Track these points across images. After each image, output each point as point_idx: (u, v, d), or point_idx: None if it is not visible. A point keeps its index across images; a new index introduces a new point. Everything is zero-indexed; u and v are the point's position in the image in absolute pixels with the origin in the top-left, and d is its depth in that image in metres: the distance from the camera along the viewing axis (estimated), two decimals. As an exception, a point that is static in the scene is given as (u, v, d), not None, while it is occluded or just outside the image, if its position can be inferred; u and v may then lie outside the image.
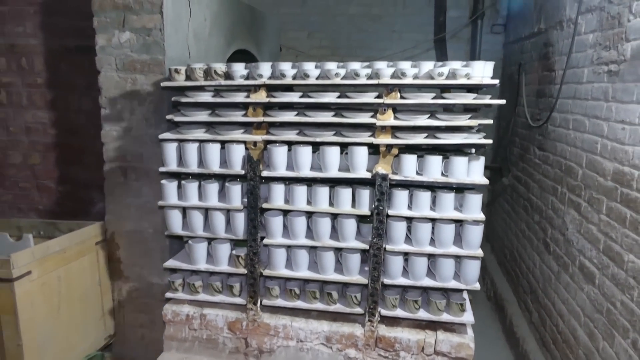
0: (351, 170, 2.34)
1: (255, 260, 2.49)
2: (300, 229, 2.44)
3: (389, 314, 2.41)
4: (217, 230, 2.53)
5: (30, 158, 3.89)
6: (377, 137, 2.29)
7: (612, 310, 2.23)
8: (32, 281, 2.52)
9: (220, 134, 2.42)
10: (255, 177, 2.39)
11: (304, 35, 5.53)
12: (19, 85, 3.81)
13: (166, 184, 2.53)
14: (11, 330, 2.51)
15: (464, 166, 2.24)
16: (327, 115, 2.34)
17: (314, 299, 2.50)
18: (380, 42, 5.45)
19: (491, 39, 5.12)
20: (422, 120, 2.23)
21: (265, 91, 2.35)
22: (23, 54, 3.75)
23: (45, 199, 3.92)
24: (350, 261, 2.41)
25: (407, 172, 2.28)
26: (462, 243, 2.32)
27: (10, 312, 2.49)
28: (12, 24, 3.70)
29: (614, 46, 2.32)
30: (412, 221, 2.33)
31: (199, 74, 2.36)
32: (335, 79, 2.26)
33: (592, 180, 2.56)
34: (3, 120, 3.89)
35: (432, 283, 2.36)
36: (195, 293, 2.61)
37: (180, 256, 2.72)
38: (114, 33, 2.74)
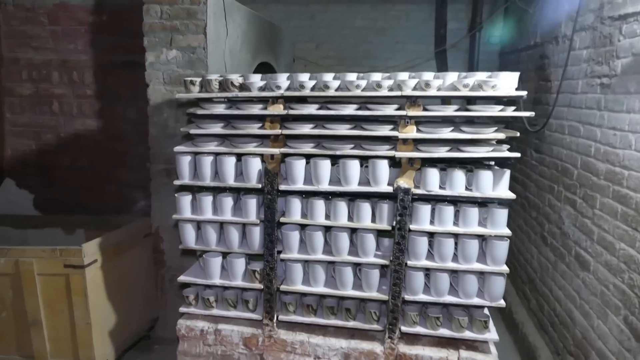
0: (372, 183, 2.27)
1: (271, 275, 2.42)
2: (319, 243, 2.37)
3: (409, 330, 2.35)
4: (232, 244, 2.47)
5: (78, 161, 4.37)
6: (398, 150, 2.22)
7: (605, 292, 2.43)
8: (97, 268, 2.87)
9: (236, 146, 2.36)
10: (272, 190, 2.33)
11: (313, 47, 5.85)
12: (70, 96, 4.30)
13: (180, 197, 2.47)
14: (82, 310, 2.90)
15: (490, 180, 2.18)
16: (346, 127, 2.27)
17: (331, 314, 2.44)
18: (384, 53, 5.74)
19: (488, 50, 5.41)
20: (446, 132, 2.17)
21: (283, 103, 2.28)
22: (74, 68, 4.23)
23: (92, 198, 4.37)
24: (371, 277, 2.35)
25: (430, 186, 2.21)
26: (487, 258, 2.25)
27: (81, 294, 2.88)
28: (64, 42, 4.21)
29: (606, 62, 2.53)
30: (435, 236, 2.27)
31: (215, 86, 2.29)
32: (355, 90, 2.19)
33: (586, 180, 2.73)
34: (54, 127, 4.37)
35: (456, 299, 2.30)
36: (210, 308, 2.55)
37: (194, 270, 2.66)
38: (162, 51, 3.09)
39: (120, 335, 3.16)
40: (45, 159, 4.45)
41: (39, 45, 4.27)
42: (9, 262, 2.90)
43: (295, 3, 5.72)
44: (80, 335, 2.94)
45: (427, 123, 2.24)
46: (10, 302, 2.97)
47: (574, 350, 2.82)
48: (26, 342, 3.00)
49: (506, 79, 2.12)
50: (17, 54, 4.33)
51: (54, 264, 2.86)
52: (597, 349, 2.48)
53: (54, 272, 2.87)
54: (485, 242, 2.28)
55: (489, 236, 2.24)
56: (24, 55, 4.30)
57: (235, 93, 2.28)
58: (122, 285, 3.14)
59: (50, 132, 4.43)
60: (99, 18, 4.09)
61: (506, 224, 2.21)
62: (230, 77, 2.28)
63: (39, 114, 4.40)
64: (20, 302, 2.95)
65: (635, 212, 2.15)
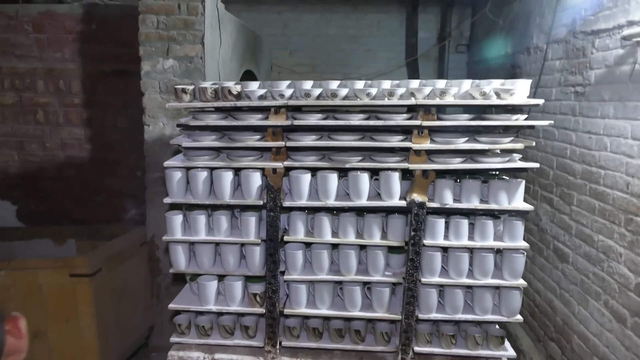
0: (384, 197, 2.13)
1: (274, 298, 2.24)
2: (325, 262, 2.21)
3: (423, 350, 2.24)
4: (229, 266, 2.26)
5: (65, 171, 4.24)
6: (411, 161, 2.09)
7: (585, 280, 2.65)
8: (102, 277, 2.87)
9: (233, 160, 2.15)
10: (275, 207, 2.14)
11: (286, 54, 5.91)
12: (56, 105, 4.17)
13: (170, 217, 2.23)
14: (88, 320, 2.93)
15: (506, 191, 2.08)
16: (354, 138, 2.12)
17: (339, 337, 2.28)
18: (356, 61, 5.87)
19: (456, 58, 5.65)
20: (461, 143, 2.05)
21: (285, 113, 2.10)
22: (60, 77, 4.12)
23: (79, 208, 4.25)
24: (382, 296, 2.21)
25: (444, 199, 2.10)
26: (504, 272, 2.16)
27: (87, 304, 2.90)
28: (50, 50, 4.09)
29: (580, 72, 2.76)
30: (450, 251, 2.16)
31: (210, 94, 2.07)
32: (365, 98, 2.04)
33: (562, 179, 2.96)
34: (39, 137, 4.22)
35: (472, 316, 2.20)
36: (205, 336, 2.33)
37: (185, 295, 2.42)
38: (159, 60, 3.11)
39: (123, 344, 3.20)
40: (29, 169, 4.31)
41: (22, 54, 4.15)
42: (10, 274, 2.87)
43: (269, 11, 5.83)
44: (85, 345, 2.96)
45: (437, 133, 2.12)
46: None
47: (556, 336, 3.02)
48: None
49: (521, 87, 2.03)
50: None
51: (59, 274, 2.87)
52: (579, 332, 2.69)
53: (59, 282, 2.87)
54: (500, 255, 2.19)
55: (505, 249, 2.15)
56: (6, 64, 4.16)
57: (234, 102, 2.07)
58: (123, 293, 3.20)
59: (35, 142, 4.27)
60: (88, 27, 4.02)
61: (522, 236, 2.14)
62: (226, 84, 2.07)
63: (22, 124, 4.25)
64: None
65: (613, 207, 2.37)
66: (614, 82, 2.37)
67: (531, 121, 2.04)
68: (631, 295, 2.19)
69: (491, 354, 2.22)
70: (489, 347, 2.23)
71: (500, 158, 2.09)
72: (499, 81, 2.09)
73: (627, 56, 2.26)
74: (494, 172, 2.29)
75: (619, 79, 2.33)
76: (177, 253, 2.27)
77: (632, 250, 2.19)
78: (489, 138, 2.06)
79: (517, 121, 2.02)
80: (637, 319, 2.14)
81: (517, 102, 2.00)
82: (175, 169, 2.16)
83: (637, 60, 2.16)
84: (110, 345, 3.08)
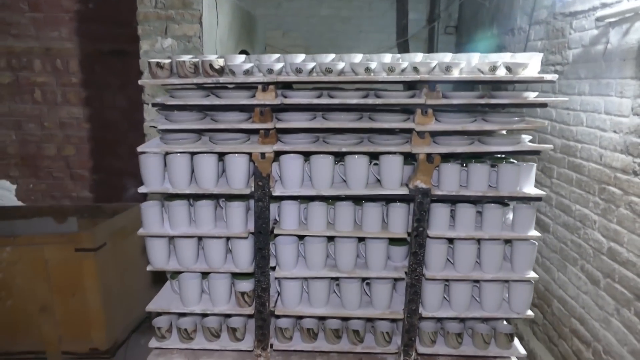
0: (383, 184, 1.93)
1: (264, 297, 2.03)
2: (319, 257, 2.01)
3: (427, 351, 2.05)
4: (214, 262, 2.04)
5: (64, 150, 4.35)
6: (414, 144, 1.89)
7: (564, 247, 2.85)
8: (107, 251, 2.93)
9: (216, 143, 1.92)
10: (264, 196, 1.93)
11: (279, 35, 5.94)
12: (54, 84, 4.21)
13: (146, 208, 2.00)
14: (94, 293, 3.03)
15: (517, 176, 1.90)
16: (351, 118, 1.91)
17: (335, 338, 2.08)
18: (348, 41, 5.97)
19: (445, 39, 5.81)
20: (469, 123, 1.86)
21: (274, 90, 1.88)
22: (58, 56, 4.15)
23: (79, 186, 4.40)
24: (382, 293, 2.02)
25: (450, 186, 1.91)
26: (512, 265, 1.99)
27: (93, 277, 3.00)
28: (47, 29, 4.11)
29: (559, 52, 2.95)
30: (456, 243, 1.97)
31: (189, 69, 1.84)
32: (365, 74, 1.83)
33: (544, 154, 3.12)
34: (37, 116, 4.29)
35: (480, 313, 2.02)
36: (188, 340, 2.11)
37: (165, 295, 2.20)
38: (157, 39, 3.11)
39: (128, 317, 3.26)
40: (27, 149, 4.36)
41: (19, 33, 4.14)
42: (16, 250, 2.96)
43: (263, -10, 5.86)
44: (92, 318, 3.06)
45: (442, 113, 1.92)
46: (17, 289, 3.02)
47: (537, 302, 3.25)
48: (35, 329, 3.06)
49: (536, 62, 1.85)
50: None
51: (65, 249, 2.96)
52: (558, 297, 2.93)
53: (64, 257, 2.96)
54: (509, 246, 2.01)
55: (514, 240, 1.97)
56: (2, 43, 4.15)
57: (216, 78, 1.84)
58: (127, 268, 3.26)
59: (33, 122, 4.31)
60: (85, 6, 4.03)
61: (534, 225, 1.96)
62: (207, 58, 1.84)
63: (19, 103, 4.28)
64: (29, 289, 3.01)
65: (588, 178, 2.55)
66: (590, 61, 2.51)
67: (546, 98, 1.86)
68: (604, 259, 2.37)
69: (500, 353, 2.04)
70: (497, 346, 2.05)
71: (509, 139, 1.91)
72: (508, 54, 1.90)
73: (601, 36, 2.40)
74: (501, 155, 2.12)
75: (593, 57, 2.46)
76: (154, 249, 2.04)
77: (605, 217, 2.37)
78: (498, 118, 1.87)
79: (532, 99, 1.83)
80: (609, 279, 2.32)
81: (531, 78, 1.81)
82: (151, 154, 1.93)
83: (609, 40, 2.29)
84: (116, 318, 3.19)
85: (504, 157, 2.11)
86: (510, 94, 1.84)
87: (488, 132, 2.07)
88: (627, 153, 2.18)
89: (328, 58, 1.90)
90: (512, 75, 1.79)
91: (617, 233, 2.26)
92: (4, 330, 3.08)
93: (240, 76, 1.85)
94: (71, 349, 3.14)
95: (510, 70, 1.80)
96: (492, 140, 1.89)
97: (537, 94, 1.88)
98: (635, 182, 2.11)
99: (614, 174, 2.29)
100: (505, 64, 1.81)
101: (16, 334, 3.08)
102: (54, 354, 3.11)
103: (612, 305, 2.30)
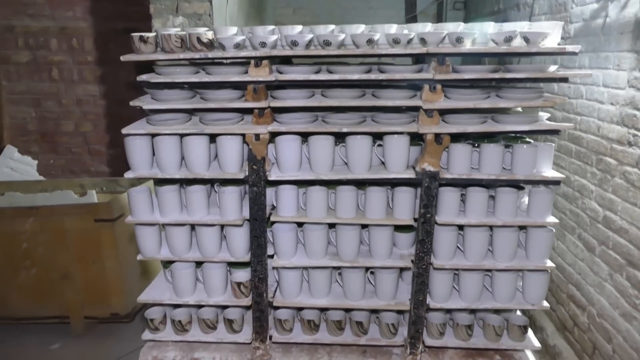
0: (388, 167, 1.79)
1: (262, 288, 1.91)
2: (320, 245, 1.88)
3: (435, 343, 1.94)
4: (208, 251, 1.92)
5: (81, 126, 4.55)
6: (421, 123, 1.74)
7: (563, 217, 2.86)
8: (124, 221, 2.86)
9: (207, 124, 1.78)
10: (259, 181, 1.79)
11: (290, 12, 5.87)
12: (70, 63, 4.38)
13: (134, 194, 1.88)
14: (113, 261, 3.20)
15: (533, 157, 1.74)
16: (353, 96, 1.75)
17: (338, 329, 1.97)
18: (358, 18, 5.93)
19: (453, 15, 5.68)
20: (481, 100, 1.70)
21: (268, 65, 1.72)
22: (74, 35, 4.30)
23: (96, 161, 4.60)
24: (386, 283, 1.90)
25: (460, 168, 1.76)
26: (527, 253, 1.85)
27: (112, 247, 3.18)
28: (62, 9, 4.26)
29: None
30: (466, 230, 1.83)
31: (175, 43, 1.69)
32: (367, 47, 1.67)
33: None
34: (55, 94, 4.47)
35: (491, 304, 1.89)
36: (183, 332, 2.01)
37: (159, 285, 2.09)
38: (169, 18, 3.07)
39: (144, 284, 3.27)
40: (46, 126, 4.54)
41: (35, 13, 4.25)
42: (38, 220, 3.14)
43: (273, -34, 5.83)
44: (111, 284, 3.22)
45: (451, 89, 1.76)
46: (41, 258, 3.19)
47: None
48: (58, 295, 3.24)
49: (557, 32, 1.67)
50: (12, 21, 4.29)
51: (85, 219, 3.12)
52: (557, 264, 2.91)
53: (84, 227, 3.13)
54: (524, 232, 1.87)
55: (529, 227, 1.83)
56: (19, 23, 4.27)
57: (204, 53, 1.69)
58: None
59: (51, 99, 4.46)
60: None
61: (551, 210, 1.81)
62: (195, 31, 1.68)
63: (37, 81, 4.41)
64: (51, 257, 3.19)
65: (586, 149, 2.58)
66: (589, 35, 2.53)
67: (567, 71, 1.68)
68: (599, 227, 2.45)
69: (513, 346, 1.92)
70: (510, 338, 1.93)
71: (525, 117, 1.74)
72: (525, 23, 1.72)
73: (601, 10, 2.42)
74: (516, 135, 1.96)
75: (593, 31, 2.49)
76: (144, 237, 1.93)
77: (601, 186, 2.43)
78: (515, 94, 1.71)
79: (552, 72, 1.66)
80: (604, 247, 2.40)
81: (552, 49, 1.64)
82: (137, 136, 1.80)
83: (609, 14, 2.31)
84: (134, 284, 3.26)
85: (519, 136, 1.95)
86: (528, 67, 1.67)
87: (502, 110, 1.91)
88: (623, 124, 2.23)
89: (327, 29, 1.74)
90: (530, 47, 1.62)
91: (612, 202, 2.33)
92: (30, 296, 3.26)
93: (230, 50, 1.69)
94: (93, 313, 3.32)
95: (528, 40, 1.62)
96: (507, 119, 1.72)
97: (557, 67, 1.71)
98: (629, 152, 2.17)
99: (610, 144, 2.34)
100: (522, 34, 1.63)
101: (41, 300, 3.25)
102: (77, 319, 3.30)
103: (606, 270, 2.39)
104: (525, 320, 1.94)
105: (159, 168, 1.83)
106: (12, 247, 3.20)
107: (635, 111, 2.11)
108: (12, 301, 3.27)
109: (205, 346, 2.03)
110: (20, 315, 3.31)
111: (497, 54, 1.70)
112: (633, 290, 2.13)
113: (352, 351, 2.00)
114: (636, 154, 2.09)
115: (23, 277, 3.24)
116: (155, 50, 1.72)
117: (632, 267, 2.13)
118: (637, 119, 2.10)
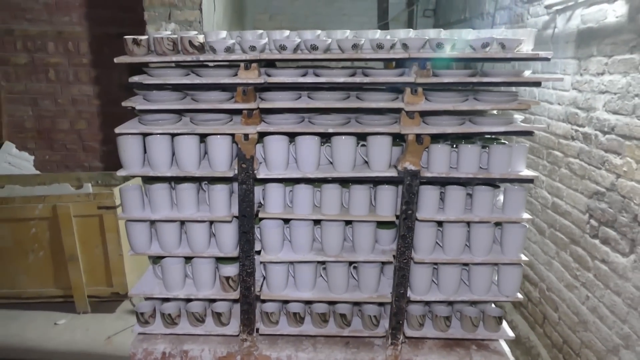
0: (371, 166, 1.88)
1: (249, 282, 1.99)
2: (305, 240, 1.96)
3: (415, 334, 2.03)
4: (198, 246, 1.98)
5: (76, 124, 4.86)
6: (403, 124, 1.83)
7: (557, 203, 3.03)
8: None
9: (197, 124, 1.84)
10: (248, 179, 1.86)
11: (267, 18, 6.12)
12: (66, 64, 4.69)
13: (126, 191, 1.93)
14: (114, 244, 3.58)
15: (508, 157, 1.85)
16: (338, 98, 1.83)
17: (322, 322, 2.05)
18: (332, 24, 6.15)
19: (424, 22, 6.07)
20: (460, 102, 1.80)
21: (257, 68, 1.79)
22: (69, 39, 4.61)
23: (90, 157, 4.91)
24: (369, 277, 1.98)
25: (440, 167, 1.85)
26: (502, 248, 1.96)
27: (114, 231, 3.54)
28: (59, 14, 4.56)
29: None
30: (445, 226, 1.93)
31: (167, 46, 1.75)
32: (352, 52, 1.75)
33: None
34: (51, 94, 4.79)
35: (468, 296, 1.99)
36: (172, 325, 2.07)
37: (148, 279, 2.15)
38: (162, 24, 3.35)
39: (142, 267, 3.54)
40: (43, 123, 4.84)
41: (33, 17, 4.54)
42: (46, 207, 3.47)
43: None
44: (113, 266, 3.57)
45: (432, 92, 1.85)
46: (48, 242, 3.57)
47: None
48: (64, 276, 3.62)
49: (530, 40, 1.78)
50: (11, 25, 4.57)
51: (89, 206, 3.47)
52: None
53: (88, 213, 3.48)
54: (499, 229, 1.98)
55: (505, 223, 1.94)
56: (18, 27, 4.55)
57: (196, 56, 1.75)
58: None
59: (47, 98, 4.75)
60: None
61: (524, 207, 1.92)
62: (187, 35, 1.75)
63: (35, 82, 4.72)
64: (57, 242, 3.54)
65: (539, 145, 2.94)
66: (542, 43, 2.87)
67: (541, 75, 1.79)
68: (548, 212, 2.80)
69: (489, 336, 2.03)
70: (485, 329, 2.04)
71: (501, 119, 1.85)
72: (500, 30, 1.83)
73: (550, 22, 2.75)
74: (492, 136, 2.06)
75: (545, 40, 2.84)
76: (135, 233, 1.98)
77: (550, 176, 2.79)
78: (491, 97, 1.81)
79: (527, 77, 1.76)
80: (552, 229, 2.75)
81: (526, 55, 1.74)
82: (129, 135, 1.85)
83: (557, 25, 2.63)
84: (135, 266, 3.64)
85: (494, 137, 2.06)
86: (504, 72, 1.77)
87: (479, 112, 2.01)
88: (567, 122, 2.61)
89: (314, 34, 1.82)
90: (506, 52, 1.72)
91: (559, 189, 2.69)
92: (37, 277, 3.64)
93: (221, 54, 1.76)
94: (95, 293, 3.70)
95: (504, 47, 1.73)
96: (484, 121, 1.83)
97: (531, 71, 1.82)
98: (572, 146, 2.56)
99: (557, 139, 2.71)
100: (499, 41, 1.74)
101: (47, 280, 3.64)
102: (80, 298, 3.67)
103: (553, 249, 2.75)
104: (500, 311, 2.05)
105: (151, 166, 1.88)
106: (21, 233, 3.54)
107: (577, 110, 2.45)
108: (21, 282, 3.66)
109: (194, 339, 2.09)
110: (29, 295, 3.71)
111: (476, 59, 1.80)
112: (575, 264, 2.55)
113: (336, 342, 2.09)
114: (577, 147, 2.47)
115: (32, 260, 3.61)
116: (148, 53, 1.78)
117: (574, 244, 2.55)
118: (578, 117, 2.48)
